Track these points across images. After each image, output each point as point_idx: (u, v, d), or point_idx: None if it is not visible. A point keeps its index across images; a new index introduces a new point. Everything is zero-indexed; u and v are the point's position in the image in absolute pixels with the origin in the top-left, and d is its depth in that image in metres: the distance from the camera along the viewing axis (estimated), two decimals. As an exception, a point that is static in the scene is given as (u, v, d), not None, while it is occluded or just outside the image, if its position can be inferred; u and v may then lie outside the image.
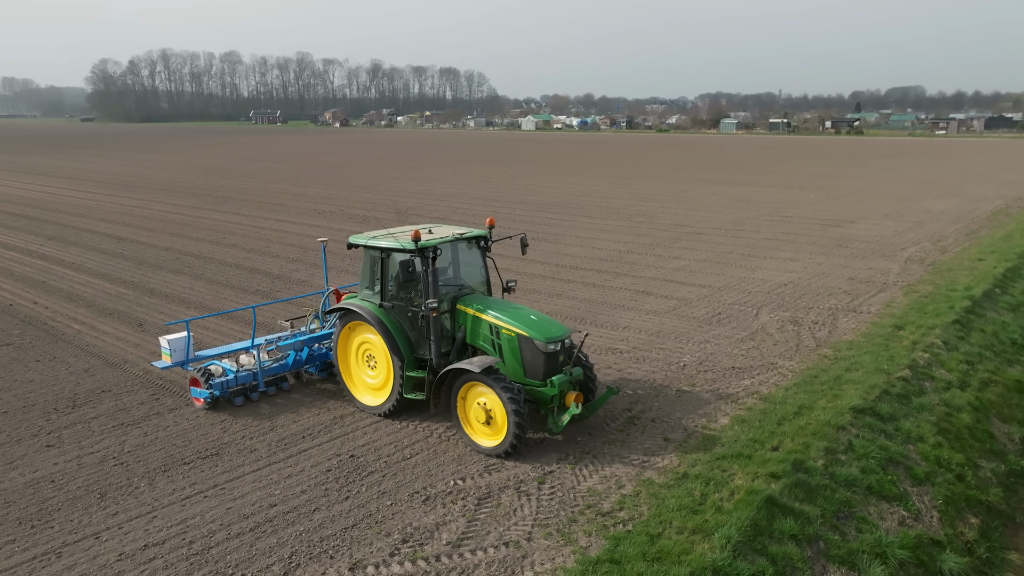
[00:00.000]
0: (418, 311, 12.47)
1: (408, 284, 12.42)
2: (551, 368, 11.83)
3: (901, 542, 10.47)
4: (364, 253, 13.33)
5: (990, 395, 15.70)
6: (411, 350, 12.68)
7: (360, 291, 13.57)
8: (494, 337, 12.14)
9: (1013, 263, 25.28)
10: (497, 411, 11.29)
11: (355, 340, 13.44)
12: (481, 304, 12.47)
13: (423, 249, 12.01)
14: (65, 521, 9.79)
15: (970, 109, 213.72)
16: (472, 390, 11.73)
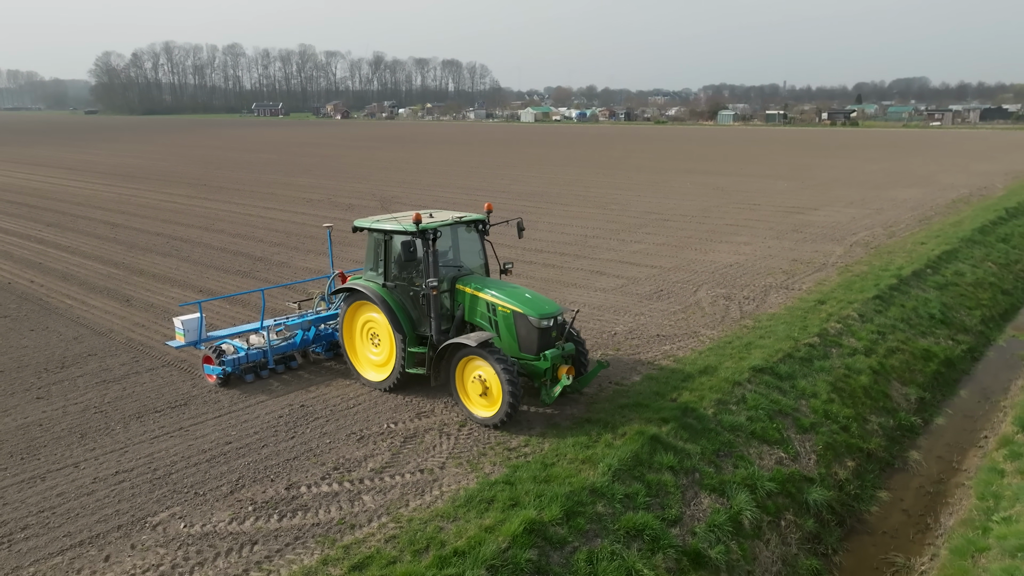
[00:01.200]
0: (419, 290, 13.15)
1: (409, 265, 13.14)
2: (544, 343, 12.48)
3: (772, 476, 12.11)
4: (368, 236, 14.02)
5: (894, 361, 17.28)
6: (413, 327, 13.31)
7: (364, 272, 14.26)
8: (491, 314, 12.81)
9: (952, 246, 26.79)
10: (493, 383, 12.02)
11: (360, 319, 14.14)
12: (479, 284, 13.17)
13: (423, 232, 12.62)
14: (49, 455, 11.45)
15: (972, 100, 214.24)
16: (469, 364, 12.42)
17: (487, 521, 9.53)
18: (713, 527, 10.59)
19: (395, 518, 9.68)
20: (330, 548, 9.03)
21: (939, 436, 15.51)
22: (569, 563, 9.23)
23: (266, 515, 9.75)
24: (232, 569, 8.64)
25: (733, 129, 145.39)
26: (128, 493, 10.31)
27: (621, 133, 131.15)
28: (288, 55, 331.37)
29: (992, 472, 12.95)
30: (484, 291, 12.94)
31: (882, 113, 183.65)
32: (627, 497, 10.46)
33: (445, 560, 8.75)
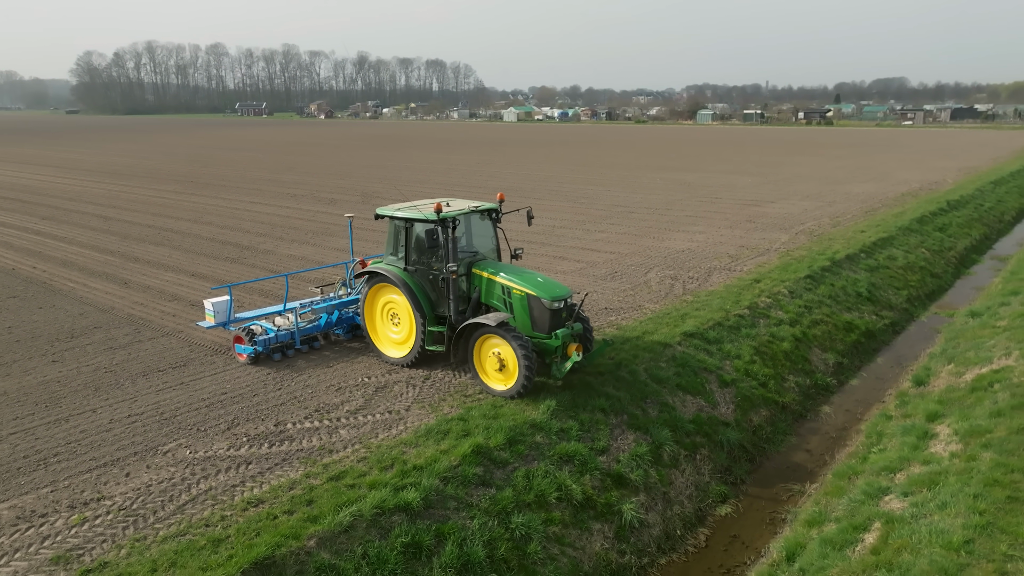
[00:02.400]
0: (438, 274, 14.20)
1: (430, 250, 14.12)
2: (555, 323, 13.45)
3: (692, 420, 14.20)
4: (389, 223, 15.05)
5: (817, 331, 19.43)
6: (432, 308, 14.37)
7: (385, 257, 15.26)
8: (506, 296, 13.78)
9: (890, 234, 29.08)
10: (510, 359, 13.07)
11: (380, 300, 15.20)
12: (494, 268, 14.14)
13: (443, 220, 13.60)
14: (69, 404, 13.31)
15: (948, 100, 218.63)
16: (487, 342, 13.44)
17: (442, 446, 11.53)
18: (635, 457, 12.64)
19: (366, 445, 11.66)
20: (311, 467, 10.98)
21: (850, 394, 17.65)
22: (509, 478, 11.23)
23: (258, 444, 11.69)
24: (231, 481, 10.57)
25: (711, 128, 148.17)
26: (141, 430, 12.21)
27: (601, 132, 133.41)
28: (272, 55, 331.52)
29: (882, 417, 15.10)
30: (499, 275, 13.90)
31: (859, 113, 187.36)
32: (562, 431, 12.49)
33: (406, 473, 10.73)
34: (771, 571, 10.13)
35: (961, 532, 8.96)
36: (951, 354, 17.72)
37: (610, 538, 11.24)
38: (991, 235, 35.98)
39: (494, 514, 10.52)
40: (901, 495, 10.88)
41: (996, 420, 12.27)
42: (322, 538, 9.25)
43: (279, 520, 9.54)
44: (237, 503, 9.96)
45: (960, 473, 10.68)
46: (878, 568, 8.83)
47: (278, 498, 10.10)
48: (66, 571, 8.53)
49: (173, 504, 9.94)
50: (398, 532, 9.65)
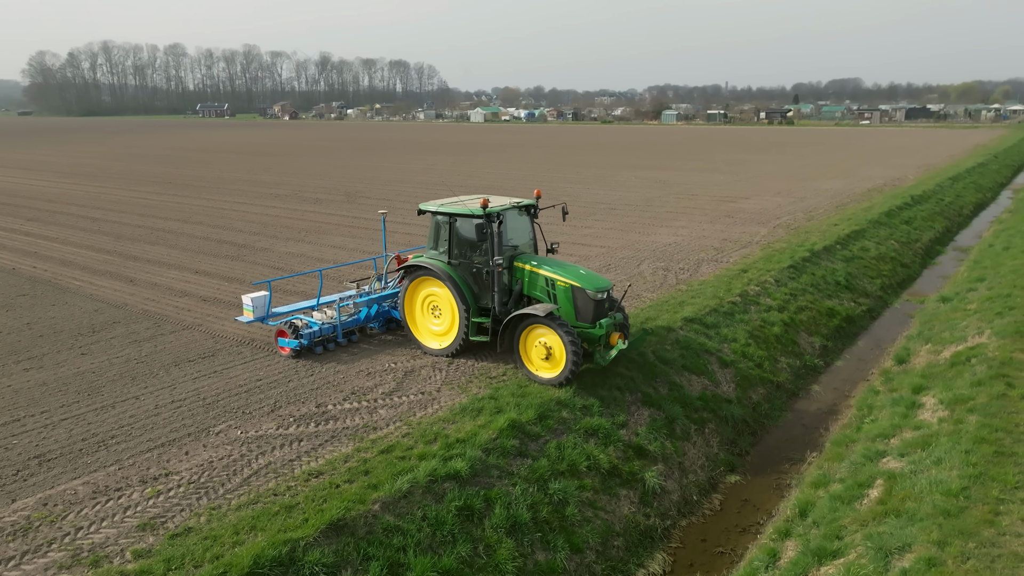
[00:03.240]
0: (481, 267, 14.74)
1: (474, 244, 14.66)
2: (599, 313, 14.03)
3: (699, 397, 15.26)
4: (431, 218, 15.47)
5: (803, 317, 20.70)
6: (475, 300, 14.99)
7: (426, 251, 15.68)
8: (549, 288, 14.30)
9: (861, 227, 30.64)
10: (557, 348, 13.57)
11: (420, 293, 15.63)
12: (536, 261, 14.70)
13: (489, 215, 14.08)
14: (110, 392, 13.84)
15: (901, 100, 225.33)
16: (532, 332, 13.90)
17: (479, 422, 12.38)
18: (652, 430, 13.64)
19: (407, 423, 12.46)
20: (360, 442, 11.75)
21: (836, 374, 18.91)
22: (543, 450, 12.13)
23: (304, 423, 12.41)
24: (287, 456, 11.29)
25: (676, 128, 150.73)
26: (187, 414, 12.83)
27: (569, 132, 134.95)
28: (232, 55, 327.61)
29: (870, 392, 16.34)
30: (543, 268, 14.48)
31: (817, 112, 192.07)
32: (585, 407, 13.42)
33: (450, 446, 11.56)
34: (786, 526, 11.17)
35: (958, 481, 10.11)
36: (928, 335, 19.09)
37: (636, 503, 12.20)
38: (952, 228, 37.91)
39: (533, 481, 11.41)
40: (898, 456, 12.03)
41: (977, 389, 13.53)
42: (385, 503, 10.04)
43: (342, 488, 10.30)
44: (298, 475, 10.70)
45: (950, 435, 11.87)
46: (887, 515, 9.93)
47: (336, 469, 10.85)
48: (154, 536, 9.20)
49: (238, 477, 10.63)
50: (451, 497, 10.49)
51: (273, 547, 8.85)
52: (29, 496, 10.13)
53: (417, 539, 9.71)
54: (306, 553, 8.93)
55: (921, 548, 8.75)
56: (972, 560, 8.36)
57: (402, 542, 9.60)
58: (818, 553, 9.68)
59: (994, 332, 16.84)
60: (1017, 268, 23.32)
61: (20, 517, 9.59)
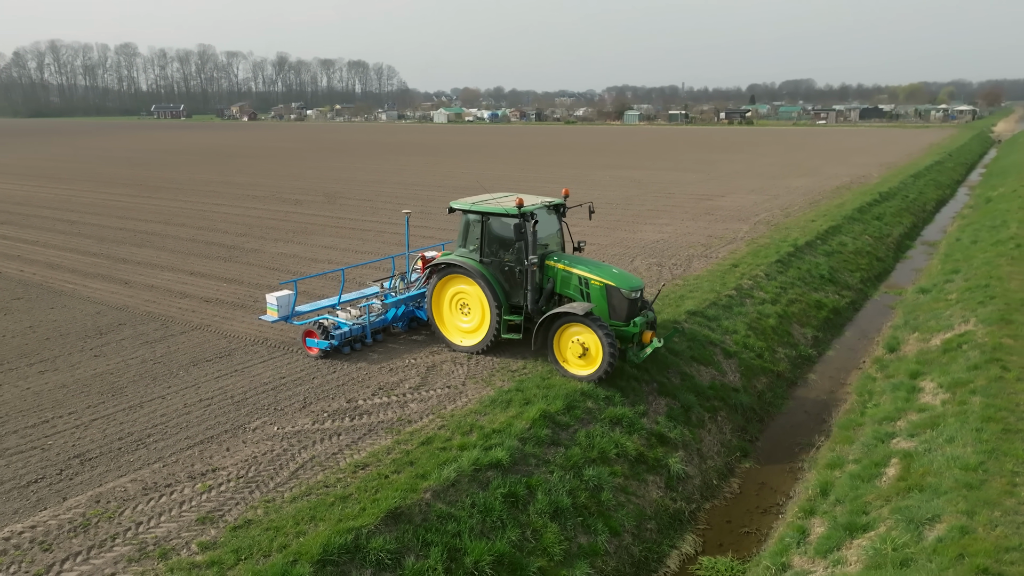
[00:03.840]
0: (514, 266, 14.84)
1: (506, 243, 14.78)
2: (632, 312, 14.37)
3: (710, 386, 15.82)
4: (461, 217, 15.52)
5: (794, 309, 21.47)
6: (506, 298, 15.23)
7: (456, 250, 15.70)
8: (583, 287, 14.52)
9: (837, 223, 31.71)
10: (593, 346, 13.78)
11: (449, 291, 15.68)
12: (568, 260, 14.87)
13: (525, 214, 14.25)
14: (134, 392, 13.83)
15: (853, 101, 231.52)
16: (567, 330, 14.05)
17: (510, 413, 12.73)
18: (670, 418, 14.15)
19: (439, 415, 12.74)
20: (398, 435, 12.01)
21: (830, 363, 19.68)
22: (573, 438, 12.53)
23: (339, 418, 12.61)
24: (329, 450, 11.49)
25: (639, 128, 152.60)
26: (219, 412, 12.92)
27: (535, 132, 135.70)
28: (187, 55, 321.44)
29: (867, 379, 17.10)
30: (576, 267, 14.70)
31: (774, 113, 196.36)
32: (607, 397, 13.86)
33: (487, 436, 11.88)
34: (810, 505, 11.75)
35: (973, 457, 10.79)
36: (914, 324, 19.99)
37: (662, 488, 12.68)
38: (918, 223, 39.36)
39: (568, 468, 11.80)
40: (908, 436, 12.72)
41: (974, 372, 14.33)
42: (435, 491, 10.33)
43: (391, 479, 10.56)
44: (344, 467, 10.92)
45: (957, 415, 12.59)
46: (910, 490, 10.55)
47: (380, 461, 11.10)
48: (215, 528, 9.36)
49: (286, 471, 10.81)
50: (495, 484, 10.82)
51: (338, 535, 9.09)
52: (80, 494, 10.18)
53: (469, 525, 10.03)
54: (369, 540, 9.19)
55: (950, 518, 9.37)
56: (1000, 527, 8.99)
57: (456, 528, 9.91)
58: (849, 527, 10.25)
59: (979, 320, 17.75)
60: (989, 260, 24.47)
61: (76, 514, 9.66)
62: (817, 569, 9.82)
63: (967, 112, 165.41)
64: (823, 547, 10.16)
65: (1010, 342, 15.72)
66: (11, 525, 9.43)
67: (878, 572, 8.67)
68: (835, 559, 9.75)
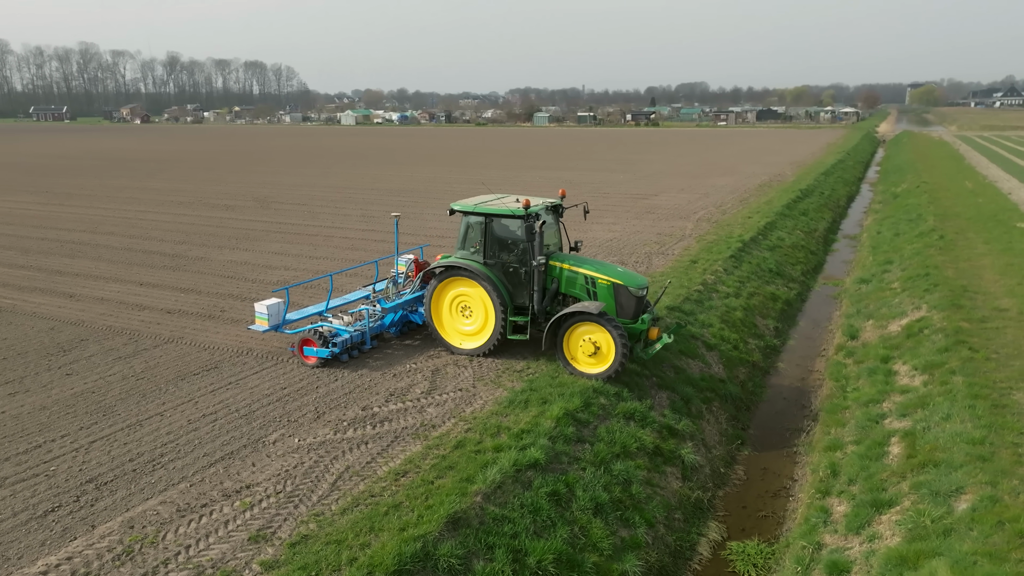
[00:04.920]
0: (518, 267, 14.88)
1: (509, 244, 14.79)
2: (639, 309, 14.61)
3: (701, 378, 16.35)
4: (462, 219, 15.35)
5: (754, 302, 22.42)
6: (511, 299, 15.22)
7: (455, 252, 15.53)
8: (589, 286, 14.66)
9: (771, 219, 33.29)
10: (605, 344, 13.96)
11: (448, 294, 15.47)
12: (573, 260, 15.01)
13: (534, 215, 14.26)
14: (126, 411, 13.02)
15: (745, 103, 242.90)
16: (577, 329, 14.15)
17: (532, 413, 12.77)
18: (674, 410, 14.55)
19: (461, 418, 12.64)
20: (425, 440, 11.83)
21: (794, 352, 20.68)
22: (595, 434, 12.71)
23: (359, 426, 12.30)
24: (362, 459, 11.21)
25: (551, 130, 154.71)
26: (228, 426, 12.35)
27: (449, 134, 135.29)
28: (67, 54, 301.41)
29: (837, 365, 18.08)
30: (582, 266, 14.89)
31: (675, 114, 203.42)
32: (616, 393, 14.11)
33: (518, 436, 11.89)
34: (823, 486, 12.36)
35: (975, 432, 11.65)
36: (867, 312, 21.28)
37: (679, 478, 13.03)
38: (837, 218, 41.78)
39: (597, 464, 11.96)
40: (899, 416, 13.58)
41: (946, 355, 15.43)
42: (485, 494, 10.27)
43: (437, 485, 10.41)
44: (384, 475, 10.68)
45: (944, 395, 13.54)
46: (924, 466, 11.29)
47: (419, 468, 10.92)
48: (272, 546, 8.98)
49: (324, 483, 10.47)
50: (538, 484, 10.86)
51: (405, 543, 8.92)
52: (108, 520, 9.54)
53: (523, 525, 10.03)
54: (437, 547, 9.05)
55: (975, 489, 10.11)
56: (1023, 495, 9.77)
57: (512, 529, 9.89)
58: (874, 504, 10.87)
59: (931, 306, 19.10)
60: (919, 251, 26.33)
61: (112, 542, 9.05)
62: (853, 545, 10.36)
63: (852, 114, 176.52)
64: (853, 524, 10.73)
65: (967, 325, 17.01)
66: (44, 558, 8.75)
67: (925, 543, 9.25)
68: (869, 535, 10.32)
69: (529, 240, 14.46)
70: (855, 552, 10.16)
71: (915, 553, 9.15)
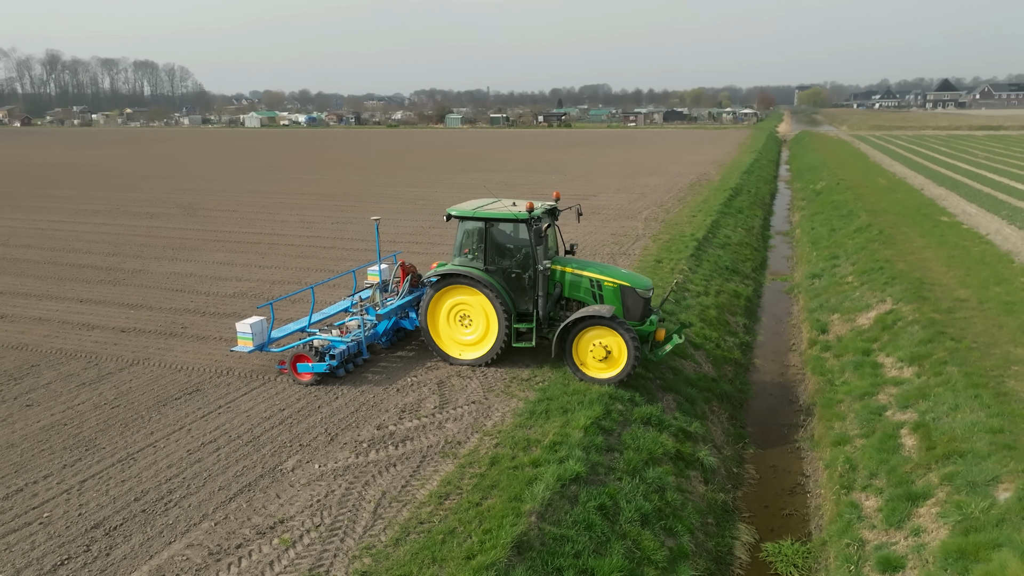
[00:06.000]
0: (521, 272, 14.48)
1: (510, 249, 14.53)
2: (646, 311, 14.47)
3: (696, 378, 16.35)
4: (460, 225, 14.83)
5: (722, 299, 22.74)
6: (514, 306, 14.70)
7: (452, 259, 15.05)
8: (595, 289, 14.39)
9: (715, 217, 34.04)
10: (617, 348, 13.69)
11: (446, 303, 14.84)
12: (575, 264, 14.72)
13: (537, 217, 14.03)
14: (111, 443, 11.77)
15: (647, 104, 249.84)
16: (587, 334, 13.83)
17: (556, 424, 12.35)
18: (683, 412, 14.45)
19: (486, 433, 12.08)
20: (455, 458, 11.22)
21: (766, 347, 21.08)
22: (621, 441, 12.42)
23: (380, 447, 11.55)
24: (395, 483, 10.49)
25: (465, 132, 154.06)
26: (236, 455, 11.34)
27: (364, 137, 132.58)
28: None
29: (817, 360, 18.48)
30: (586, 270, 14.62)
31: (584, 115, 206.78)
32: (630, 398, 13.87)
33: (551, 449, 11.45)
34: (843, 481, 12.50)
35: (991, 421, 12.04)
36: (829, 306, 21.95)
37: (702, 482, 12.91)
38: (767, 215, 43.24)
39: (631, 473, 11.66)
40: (901, 408, 13.93)
41: (928, 347, 15.98)
42: (539, 514, 9.78)
43: (485, 506, 9.85)
44: (425, 500, 10.02)
45: (942, 385, 13.98)
46: (948, 457, 11.56)
47: (460, 489, 10.32)
48: (332, 588, 8.22)
49: (365, 512, 9.72)
50: (584, 498, 10.46)
51: (478, 574, 8.34)
52: (133, 571, 8.51)
53: (583, 543, 9.61)
54: (509, 574, 8.52)
55: (1011, 478, 10.40)
56: (1058, 480, 10.12)
57: (573, 548, 9.46)
58: (908, 497, 11.02)
59: (896, 299, 19.85)
60: (863, 246, 27.46)
61: (147, 596, 8.05)
62: (897, 540, 10.48)
63: (751, 115, 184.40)
64: (891, 518, 10.84)
65: (939, 317, 17.73)
66: (71, 621, 7.67)
67: (982, 535, 9.41)
68: (912, 529, 10.45)
69: (537, 244, 14.11)
70: (901, 547, 10.26)
71: (974, 545, 9.29)
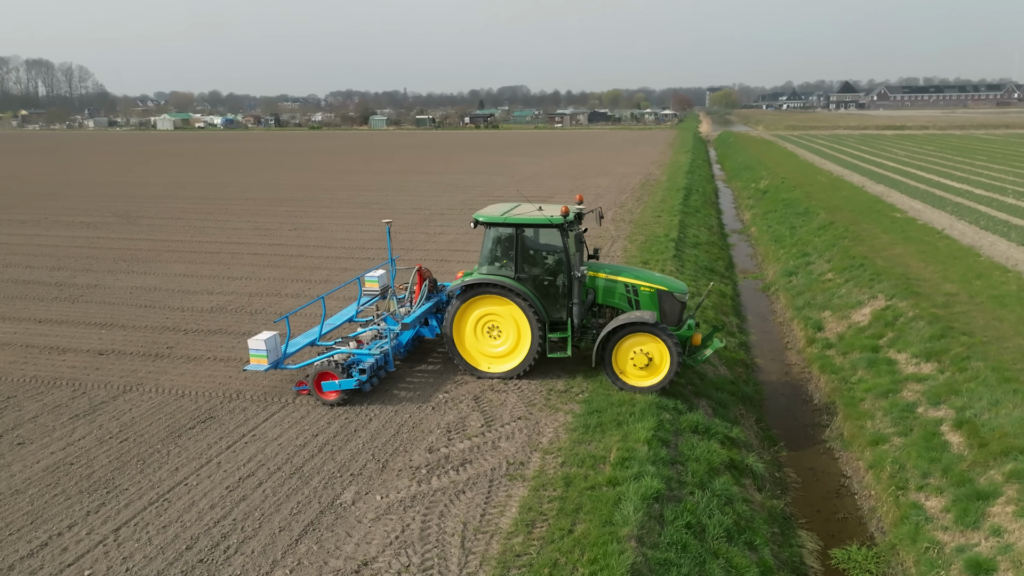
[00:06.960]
0: (553, 279, 13.97)
1: (541, 255, 14.03)
2: (683, 315, 14.23)
3: (720, 381, 16.14)
4: (486, 231, 14.14)
5: (713, 299, 22.72)
6: (547, 315, 14.09)
7: (479, 267, 14.33)
8: (631, 295, 14.01)
9: (679, 218, 34.26)
10: (658, 355, 13.32)
11: (472, 315, 14.12)
12: (608, 269, 14.35)
13: (571, 222, 13.54)
14: (133, 482, 10.52)
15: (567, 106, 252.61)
16: (627, 341, 13.38)
17: (615, 438, 11.81)
18: (720, 417, 14.17)
19: (545, 451, 11.42)
20: (525, 481, 10.53)
21: (761, 346, 21.14)
22: (680, 453, 11.99)
23: (440, 473, 10.73)
24: (472, 512, 9.71)
25: (394, 134, 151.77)
26: (283, 490, 10.31)
27: (290, 139, 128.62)
28: None
29: (823, 359, 18.60)
30: (620, 275, 14.24)
31: (508, 116, 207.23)
32: (674, 407, 13.49)
33: (621, 466, 10.90)
34: (896, 481, 12.46)
35: (1038, 415, 12.23)
36: (817, 304, 22.24)
37: (756, 489, 12.63)
38: (718, 214, 44.01)
39: (699, 485, 11.24)
40: (933, 405, 14.05)
41: (941, 343, 16.24)
42: (637, 538, 9.22)
43: (579, 532, 9.22)
44: (511, 529, 9.30)
45: (971, 380, 14.17)
46: (1006, 453, 11.63)
47: (544, 514, 9.65)
48: (450, 638, 7.42)
49: (453, 548, 8.92)
50: (670, 516, 9.97)
51: (606, 611, 7.71)
52: (217, 635, 7.46)
53: (687, 567, 9.11)
54: (634, 608, 7.93)
55: (1081, 471, 10.51)
56: None
57: (679, 573, 8.94)
58: (976, 496, 11.03)
59: (889, 295, 20.24)
60: (832, 243, 28.07)
61: (243, 664, 7.06)
62: (978, 540, 10.42)
63: (671, 116, 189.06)
64: (964, 519, 10.80)
65: (941, 312, 18.11)
66: None
67: (1077, 533, 9.42)
68: (991, 528, 10.42)
69: (576, 249, 13.63)
70: (984, 548, 10.21)
71: (1071, 544, 9.29)
